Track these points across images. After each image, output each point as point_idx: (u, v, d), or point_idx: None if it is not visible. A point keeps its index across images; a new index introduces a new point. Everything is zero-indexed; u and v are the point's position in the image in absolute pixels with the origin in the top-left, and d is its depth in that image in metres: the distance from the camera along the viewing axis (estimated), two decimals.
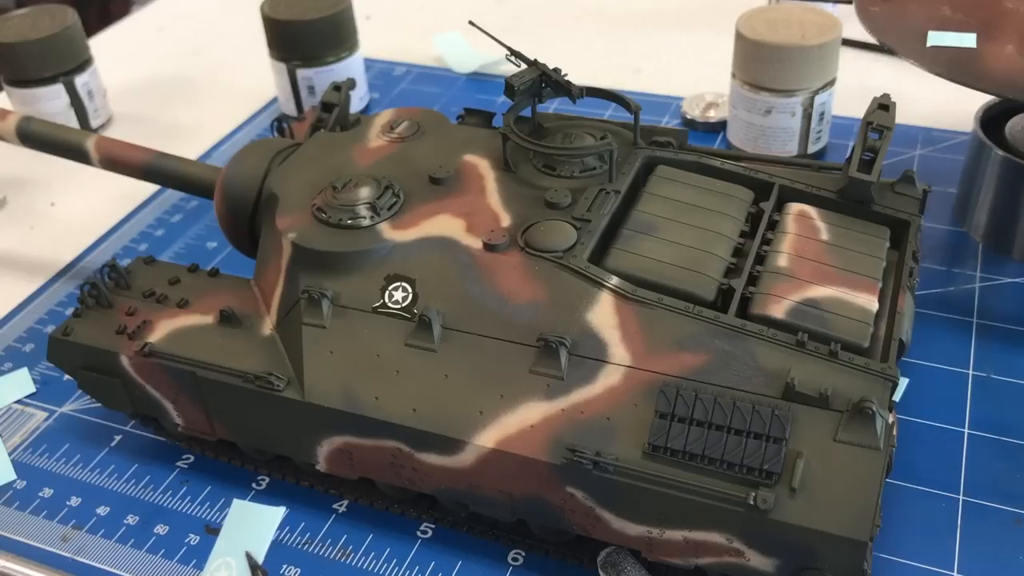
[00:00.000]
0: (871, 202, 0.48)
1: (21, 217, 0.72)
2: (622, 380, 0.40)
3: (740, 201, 0.48)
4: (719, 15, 0.90)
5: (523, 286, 0.42)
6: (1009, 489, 0.46)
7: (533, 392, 0.40)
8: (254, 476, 0.50)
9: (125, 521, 0.48)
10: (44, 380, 0.57)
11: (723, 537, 0.37)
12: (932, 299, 0.57)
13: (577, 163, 0.48)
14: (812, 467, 0.37)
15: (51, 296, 0.63)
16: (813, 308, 0.42)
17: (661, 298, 0.41)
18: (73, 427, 0.53)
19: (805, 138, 0.68)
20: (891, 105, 0.49)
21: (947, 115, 0.73)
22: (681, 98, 0.78)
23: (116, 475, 0.50)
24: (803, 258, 0.44)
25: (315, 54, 0.76)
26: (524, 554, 0.45)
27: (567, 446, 0.38)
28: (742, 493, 0.36)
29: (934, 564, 0.43)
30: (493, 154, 0.50)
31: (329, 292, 0.43)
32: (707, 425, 0.38)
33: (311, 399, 0.42)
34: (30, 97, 0.76)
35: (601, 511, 0.39)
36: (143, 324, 0.47)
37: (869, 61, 0.82)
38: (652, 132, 0.52)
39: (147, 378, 0.46)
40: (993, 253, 0.60)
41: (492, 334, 0.42)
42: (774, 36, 0.64)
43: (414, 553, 0.45)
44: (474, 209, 0.46)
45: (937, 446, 0.48)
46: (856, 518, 0.36)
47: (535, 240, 0.43)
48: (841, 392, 0.38)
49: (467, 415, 0.40)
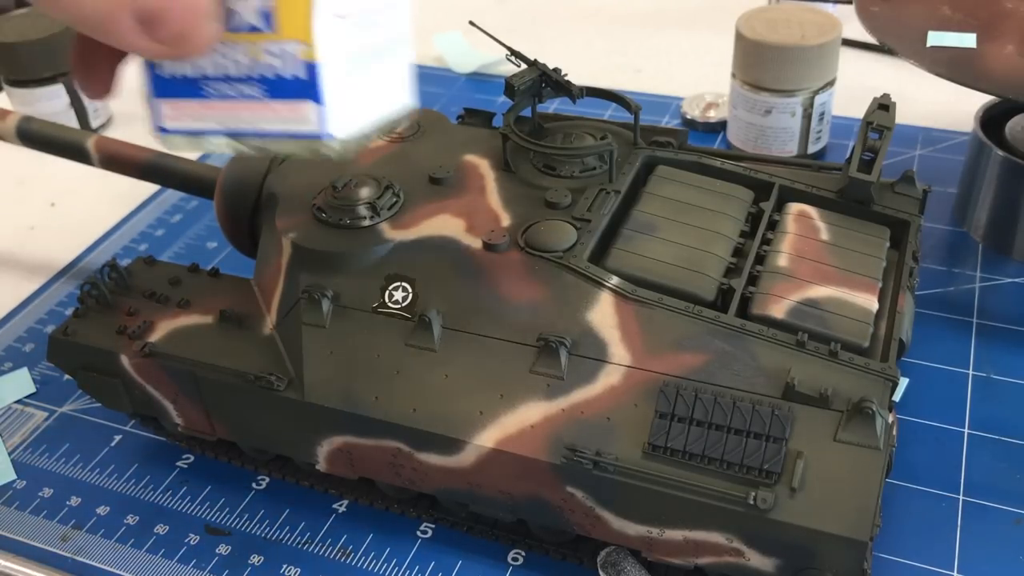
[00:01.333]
0: (871, 202, 0.48)
1: (21, 217, 0.72)
2: (622, 380, 0.40)
3: (740, 201, 0.47)
4: (719, 15, 0.90)
5: (523, 286, 0.42)
6: (1009, 489, 0.46)
7: (533, 392, 0.40)
8: (254, 476, 0.50)
9: (125, 521, 0.48)
10: (44, 380, 0.57)
11: (723, 537, 0.37)
12: (932, 299, 0.57)
13: (577, 163, 0.48)
14: (812, 467, 0.37)
15: (51, 296, 0.63)
16: (813, 308, 0.42)
17: (661, 298, 0.41)
18: (73, 427, 0.53)
19: (805, 138, 0.68)
20: (891, 105, 0.49)
21: (947, 115, 0.73)
22: (681, 98, 0.78)
23: (116, 475, 0.50)
24: (803, 258, 0.44)
25: None
26: (524, 554, 0.45)
27: (567, 446, 0.38)
28: (742, 493, 0.36)
29: (934, 564, 0.43)
30: (493, 154, 0.50)
31: (329, 292, 0.43)
32: (707, 425, 0.38)
33: (311, 399, 0.42)
34: (30, 97, 0.76)
35: (601, 511, 0.39)
36: (143, 324, 0.47)
37: (869, 61, 0.82)
38: (652, 132, 0.52)
39: (147, 378, 0.46)
40: (993, 253, 0.60)
41: (492, 334, 0.42)
42: (774, 36, 0.64)
43: (414, 553, 0.45)
44: (474, 209, 0.46)
45: (937, 446, 0.48)
46: (856, 518, 0.36)
47: (535, 240, 0.43)
48: (841, 392, 0.38)
49: (467, 415, 0.40)
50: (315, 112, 0.29)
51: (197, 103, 0.31)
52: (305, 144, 0.30)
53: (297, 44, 0.29)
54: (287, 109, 0.30)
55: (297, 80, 0.29)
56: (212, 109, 0.31)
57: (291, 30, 0.28)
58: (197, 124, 0.31)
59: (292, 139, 0.30)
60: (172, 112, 0.31)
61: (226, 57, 0.30)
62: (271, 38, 0.29)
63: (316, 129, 0.30)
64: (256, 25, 0.29)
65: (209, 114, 0.31)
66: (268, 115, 0.30)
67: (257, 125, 0.30)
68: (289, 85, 0.29)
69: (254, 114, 0.30)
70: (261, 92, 0.30)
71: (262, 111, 0.30)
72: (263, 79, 0.29)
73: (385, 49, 0.32)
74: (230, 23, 0.29)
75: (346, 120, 0.30)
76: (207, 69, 0.30)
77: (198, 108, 0.31)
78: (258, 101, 0.30)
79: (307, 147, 0.30)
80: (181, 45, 0.28)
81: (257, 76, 0.29)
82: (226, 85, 0.30)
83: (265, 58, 0.29)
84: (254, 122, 0.30)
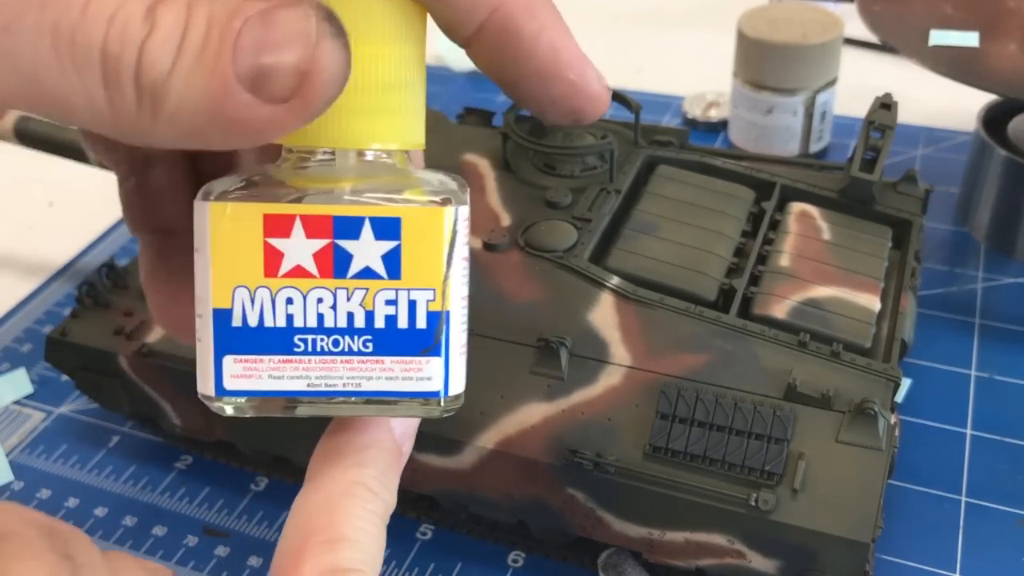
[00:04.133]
0: (873, 202, 0.47)
1: (19, 217, 0.71)
2: (623, 380, 0.39)
3: (741, 201, 0.47)
4: (720, 14, 0.90)
5: (523, 286, 0.42)
6: (1012, 490, 0.46)
7: (533, 392, 0.40)
8: (252, 477, 0.50)
9: (123, 522, 0.48)
10: (42, 381, 0.56)
11: (724, 538, 0.37)
12: (934, 299, 0.56)
13: (577, 162, 0.48)
14: (814, 468, 0.36)
15: (49, 296, 0.63)
16: (815, 308, 0.41)
17: (662, 298, 0.41)
18: (71, 428, 0.53)
19: (807, 137, 0.67)
20: (893, 104, 0.49)
21: (949, 114, 0.72)
22: (682, 97, 0.78)
23: (114, 476, 0.50)
24: (805, 258, 0.44)
25: None
26: (524, 555, 0.45)
27: (567, 447, 0.38)
28: (744, 494, 0.36)
29: (936, 566, 0.43)
30: (493, 153, 0.50)
31: None
32: (708, 426, 0.37)
33: None
34: None
35: (602, 512, 0.39)
36: (141, 324, 0.47)
37: (871, 60, 0.81)
38: (653, 131, 0.51)
39: (145, 379, 0.46)
40: (995, 253, 0.60)
41: (492, 334, 0.41)
42: (776, 35, 0.64)
43: (413, 555, 0.45)
44: (474, 208, 0.46)
45: (939, 447, 0.48)
46: (858, 519, 0.35)
47: (535, 240, 0.43)
48: (843, 393, 0.38)
49: (467, 416, 0.40)
50: (439, 368, 0.25)
51: (278, 359, 0.25)
52: (415, 405, 0.25)
53: (426, 292, 0.24)
54: (402, 366, 0.25)
55: (417, 332, 0.25)
56: (298, 366, 0.25)
57: (420, 278, 0.24)
58: (272, 385, 0.25)
59: (401, 398, 0.25)
60: (241, 370, 0.25)
61: (328, 307, 0.24)
62: (391, 285, 0.24)
63: (436, 387, 0.25)
64: (374, 270, 0.24)
65: (292, 372, 0.25)
66: (375, 373, 0.25)
67: (356, 383, 0.25)
68: (406, 337, 0.25)
69: (356, 372, 0.25)
70: (369, 345, 0.25)
71: (367, 368, 0.25)
72: (372, 329, 0.25)
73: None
74: (339, 267, 0.24)
75: (460, 375, 0.26)
76: (299, 320, 0.24)
77: (278, 365, 0.25)
78: (363, 357, 0.25)
79: (416, 409, 0.26)
80: (305, 92, 0.21)
81: (364, 327, 0.25)
82: (321, 337, 0.25)
83: (380, 307, 0.24)
84: (352, 379, 0.25)
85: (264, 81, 0.21)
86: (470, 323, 0.27)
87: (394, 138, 0.25)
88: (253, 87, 0.21)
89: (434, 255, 0.24)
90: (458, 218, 0.25)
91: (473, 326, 0.42)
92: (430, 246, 0.24)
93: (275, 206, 0.24)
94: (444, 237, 0.24)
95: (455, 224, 0.24)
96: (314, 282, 0.24)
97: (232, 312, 0.25)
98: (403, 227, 0.24)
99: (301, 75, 0.21)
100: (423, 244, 0.24)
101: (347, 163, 0.25)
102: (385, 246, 0.24)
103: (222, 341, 0.25)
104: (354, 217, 0.24)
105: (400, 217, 0.24)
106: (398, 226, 0.24)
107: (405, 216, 0.24)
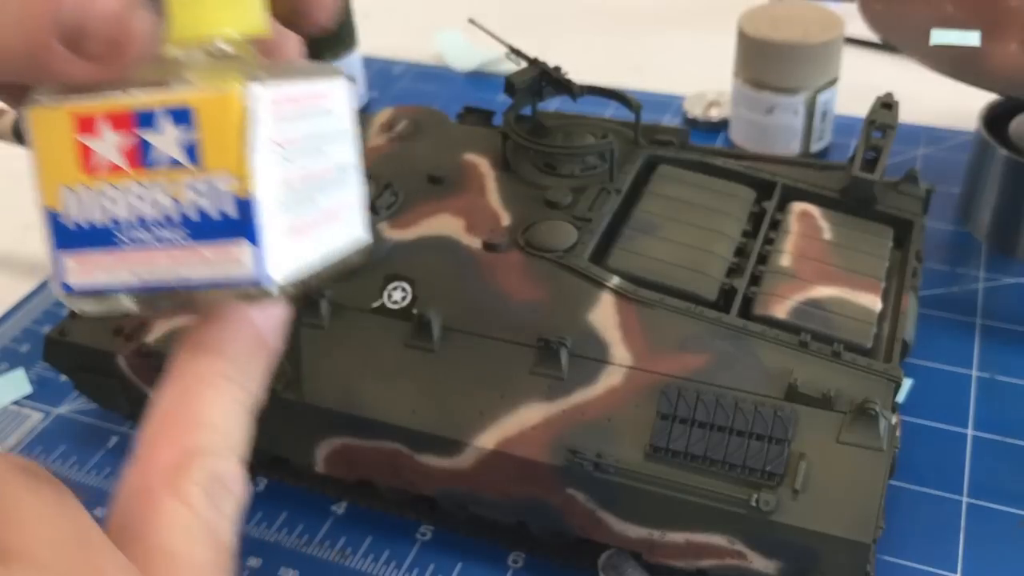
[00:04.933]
0: (874, 201, 0.47)
1: (17, 216, 0.71)
2: (623, 381, 0.39)
3: (742, 200, 0.47)
4: (721, 13, 0.90)
5: (523, 286, 0.42)
6: (1013, 491, 0.46)
7: (533, 393, 0.40)
8: (252, 478, 0.49)
9: None
10: (40, 381, 0.56)
11: (725, 539, 0.37)
12: (935, 299, 0.56)
13: (578, 162, 0.48)
14: (815, 468, 0.36)
15: (48, 296, 0.63)
16: (816, 308, 0.41)
17: (663, 298, 0.41)
18: (70, 428, 0.53)
19: (808, 137, 0.67)
20: (894, 104, 0.49)
21: (950, 114, 0.72)
22: (683, 97, 0.78)
23: (113, 476, 0.50)
24: (806, 258, 0.44)
25: (313, 52, 0.75)
26: (524, 556, 0.45)
27: (568, 447, 0.38)
28: (744, 495, 0.36)
29: (937, 566, 0.43)
30: (493, 153, 0.50)
31: (328, 292, 0.43)
32: (709, 426, 0.37)
33: (309, 400, 0.42)
34: None
35: (602, 513, 0.39)
36: (140, 324, 0.46)
37: (872, 59, 0.81)
38: (653, 131, 0.51)
39: (144, 379, 0.46)
40: (997, 253, 0.60)
41: (492, 334, 0.41)
42: (776, 34, 0.64)
43: (413, 555, 0.45)
44: (474, 208, 0.46)
45: (941, 447, 0.48)
46: (859, 520, 0.35)
47: (536, 239, 0.43)
48: (844, 393, 0.38)
49: (467, 416, 0.40)
50: (250, 253, 0.25)
51: (107, 254, 0.26)
52: (238, 292, 0.25)
53: (227, 177, 0.24)
54: (215, 253, 0.25)
55: (227, 219, 0.24)
56: (125, 260, 0.26)
57: (220, 162, 0.24)
58: (107, 279, 0.26)
59: (222, 287, 0.25)
60: (78, 267, 0.26)
61: (141, 198, 0.25)
62: (195, 173, 0.24)
63: (251, 273, 0.25)
64: (177, 159, 0.24)
65: (121, 266, 0.26)
66: (192, 261, 0.25)
67: (179, 274, 0.25)
68: (217, 225, 0.25)
69: (175, 262, 0.25)
70: (183, 236, 0.25)
71: (184, 257, 0.25)
72: (186, 221, 0.25)
73: (332, 178, 0.28)
74: (145, 159, 0.25)
75: (286, 260, 0.25)
76: (119, 213, 0.25)
77: (108, 260, 0.26)
78: (179, 246, 0.25)
79: (241, 295, 0.25)
80: (116, 55, 0.24)
81: (178, 218, 0.25)
82: (141, 231, 0.25)
83: (188, 196, 0.25)
84: (175, 271, 0.25)
85: (80, 40, 0.23)
86: (462, 315, 0.27)
87: (213, 26, 0.26)
88: (70, 43, 0.23)
89: (232, 140, 0.24)
90: (260, 99, 0.24)
91: (473, 326, 0.42)
92: (227, 132, 0.24)
93: (80, 106, 0.25)
94: (240, 121, 0.24)
95: (255, 106, 0.24)
96: (126, 176, 0.25)
97: (60, 211, 0.26)
98: (199, 115, 0.24)
99: (112, 42, 0.23)
100: (220, 130, 0.24)
101: (181, 57, 0.26)
102: (184, 135, 0.24)
103: (57, 239, 0.26)
104: (150, 109, 0.24)
105: (192, 105, 0.24)
106: (192, 114, 0.24)
107: (198, 103, 0.24)
